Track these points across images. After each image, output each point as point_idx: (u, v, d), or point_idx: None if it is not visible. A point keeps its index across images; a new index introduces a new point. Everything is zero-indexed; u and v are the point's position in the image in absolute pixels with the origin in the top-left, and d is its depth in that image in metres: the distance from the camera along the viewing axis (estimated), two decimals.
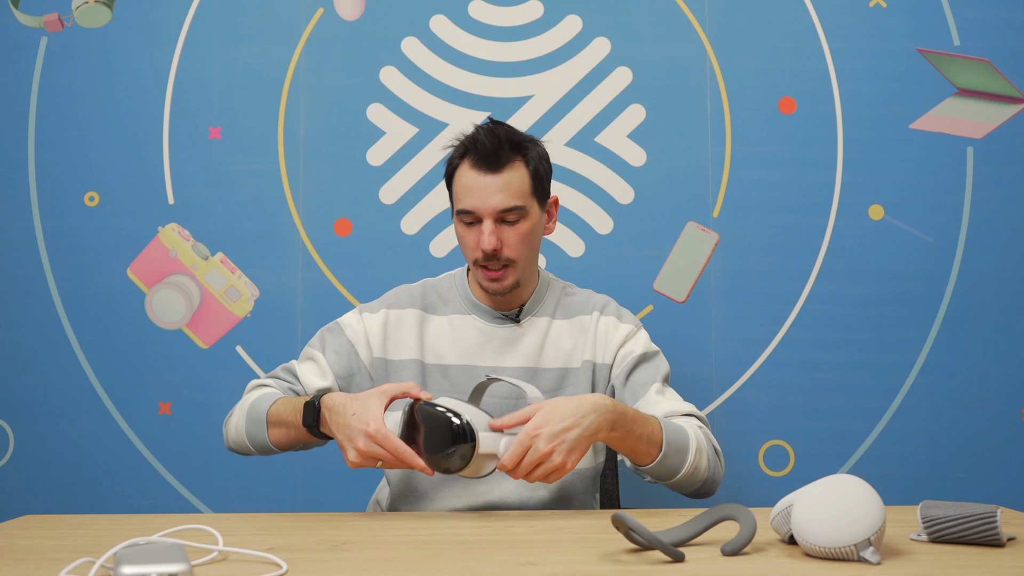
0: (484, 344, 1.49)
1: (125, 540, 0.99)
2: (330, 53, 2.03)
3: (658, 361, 1.49)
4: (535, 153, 1.47)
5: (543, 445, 1.20)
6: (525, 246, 1.45)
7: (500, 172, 1.42)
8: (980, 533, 1.04)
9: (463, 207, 1.44)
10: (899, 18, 2.04)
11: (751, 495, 1.98)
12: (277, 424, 1.36)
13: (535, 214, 1.46)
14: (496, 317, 1.50)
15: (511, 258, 1.44)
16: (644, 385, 1.45)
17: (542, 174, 1.48)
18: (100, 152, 2.02)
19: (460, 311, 1.52)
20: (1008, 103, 2.04)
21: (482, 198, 1.42)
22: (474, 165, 1.44)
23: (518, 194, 1.43)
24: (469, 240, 1.45)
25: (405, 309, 1.51)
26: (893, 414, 2.00)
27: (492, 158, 1.42)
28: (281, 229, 2.02)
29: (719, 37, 2.04)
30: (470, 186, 1.43)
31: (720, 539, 1.07)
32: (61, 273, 2.01)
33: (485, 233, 1.42)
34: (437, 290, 1.55)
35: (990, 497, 1.95)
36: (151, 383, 2.00)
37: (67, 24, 2.03)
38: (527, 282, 1.51)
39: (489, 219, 1.42)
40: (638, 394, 1.45)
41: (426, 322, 1.51)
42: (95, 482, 1.98)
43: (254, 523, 1.23)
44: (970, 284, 2.02)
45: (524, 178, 1.44)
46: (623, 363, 1.48)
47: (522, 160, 1.45)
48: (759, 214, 2.02)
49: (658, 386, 1.45)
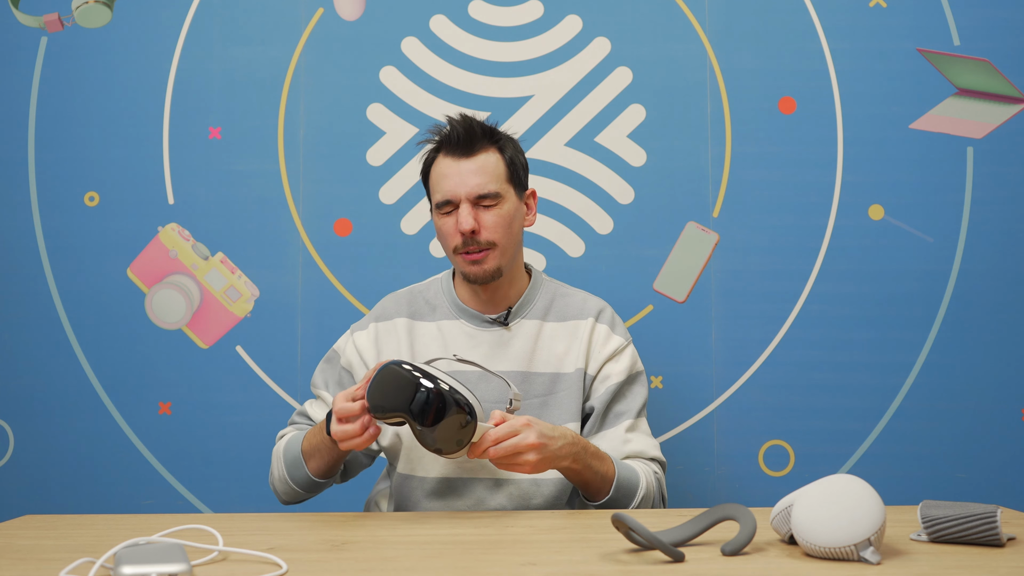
0: (473, 349, 1.48)
1: (125, 540, 0.99)
2: (330, 53, 2.03)
3: (637, 388, 1.51)
4: (510, 143, 1.49)
5: (532, 437, 1.24)
6: (504, 229, 1.45)
7: (474, 156, 1.44)
8: (980, 533, 1.04)
9: (440, 197, 1.45)
10: (899, 18, 2.04)
11: (751, 495, 1.98)
12: (312, 454, 1.40)
13: (512, 201, 1.47)
14: (484, 321, 1.50)
15: (491, 240, 1.43)
16: (618, 417, 1.48)
17: (518, 163, 1.49)
18: (100, 152, 2.02)
19: (448, 316, 1.51)
20: (1008, 103, 2.04)
21: (457, 183, 1.43)
22: (448, 153, 1.45)
23: (493, 178, 1.44)
24: (447, 228, 1.45)
25: (393, 320, 1.52)
26: (893, 414, 2.00)
27: (465, 143, 1.44)
28: (281, 229, 2.02)
29: (719, 37, 2.04)
30: (445, 172, 1.44)
31: (720, 539, 1.07)
32: (61, 273, 2.01)
33: (463, 215, 1.42)
34: (424, 296, 1.54)
35: (990, 497, 1.95)
36: (151, 383, 2.00)
37: (67, 24, 2.03)
38: (513, 280, 1.51)
39: (466, 202, 1.43)
40: (610, 424, 1.47)
41: (415, 329, 1.51)
42: (95, 482, 1.98)
43: (254, 523, 1.23)
44: (970, 284, 2.02)
45: (499, 163, 1.46)
46: (604, 384, 1.49)
47: (495, 147, 1.47)
48: (759, 214, 2.02)
49: (630, 422, 1.47)
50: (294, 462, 1.42)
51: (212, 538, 1.06)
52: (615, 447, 1.45)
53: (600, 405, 1.47)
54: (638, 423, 1.49)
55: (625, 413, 1.48)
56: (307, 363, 1.98)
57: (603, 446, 1.44)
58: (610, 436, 1.46)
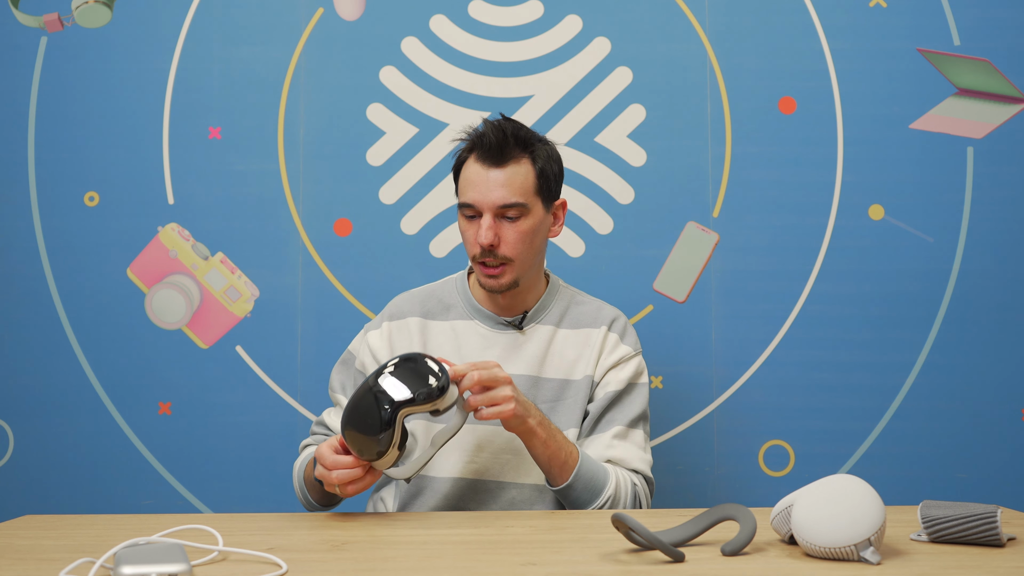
0: (486, 350, 1.47)
1: (125, 540, 0.99)
2: (330, 53, 2.03)
3: (635, 399, 1.48)
4: (543, 152, 1.46)
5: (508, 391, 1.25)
6: (524, 245, 1.43)
7: (503, 167, 1.41)
8: (980, 533, 1.04)
9: (464, 200, 1.44)
10: (899, 18, 2.04)
11: (751, 495, 1.98)
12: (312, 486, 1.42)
13: (538, 214, 1.45)
14: (499, 323, 1.49)
15: (508, 256, 1.42)
16: (610, 423, 1.45)
17: (549, 174, 1.46)
18: (100, 152, 2.02)
19: (463, 316, 1.51)
20: (1008, 103, 2.04)
21: (483, 191, 1.41)
22: (479, 159, 1.43)
23: (520, 191, 1.42)
24: (469, 235, 1.45)
25: (406, 319, 1.51)
26: (893, 414, 2.00)
27: (496, 152, 1.41)
28: (281, 229, 2.02)
29: (719, 37, 2.04)
30: (472, 179, 1.43)
31: (720, 539, 1.07)
32: (61, 273, 2.01)
33: (483, 228, 1.40)
34: (439, 295, 1.54)
35: (990, 497, 1.95)
36: (151, 383, 2.00)
37: (67, 24, 2.03)
38: (531, 286, 1.50)
39: (488, 213, 1.41)
40: (600, 429, 1.45)
41: (428, 329, 1.50)
42: (95, 482, 1.98)
43: (254, 523, 1.23)
44: (970, 284, 2.02)
45: (528, 175, 1.43)
46: (604, 390, 1.47)
47: (528, 157, 1.44)
48: (759, 214, 2.02)
49: (620, 429, 1.44)
50: (302, 487, 1.46)
51: (212, 538, 1.06)
52: (597, 451, 1.42)
53: (595, 411, 1.46)
54: (629, 432, 1.45)
55: (616, 421, 1.45)
56: (307, 363, 1.98)
57: (588, 450, 1.42)
58: (596, 440, 1.44)
